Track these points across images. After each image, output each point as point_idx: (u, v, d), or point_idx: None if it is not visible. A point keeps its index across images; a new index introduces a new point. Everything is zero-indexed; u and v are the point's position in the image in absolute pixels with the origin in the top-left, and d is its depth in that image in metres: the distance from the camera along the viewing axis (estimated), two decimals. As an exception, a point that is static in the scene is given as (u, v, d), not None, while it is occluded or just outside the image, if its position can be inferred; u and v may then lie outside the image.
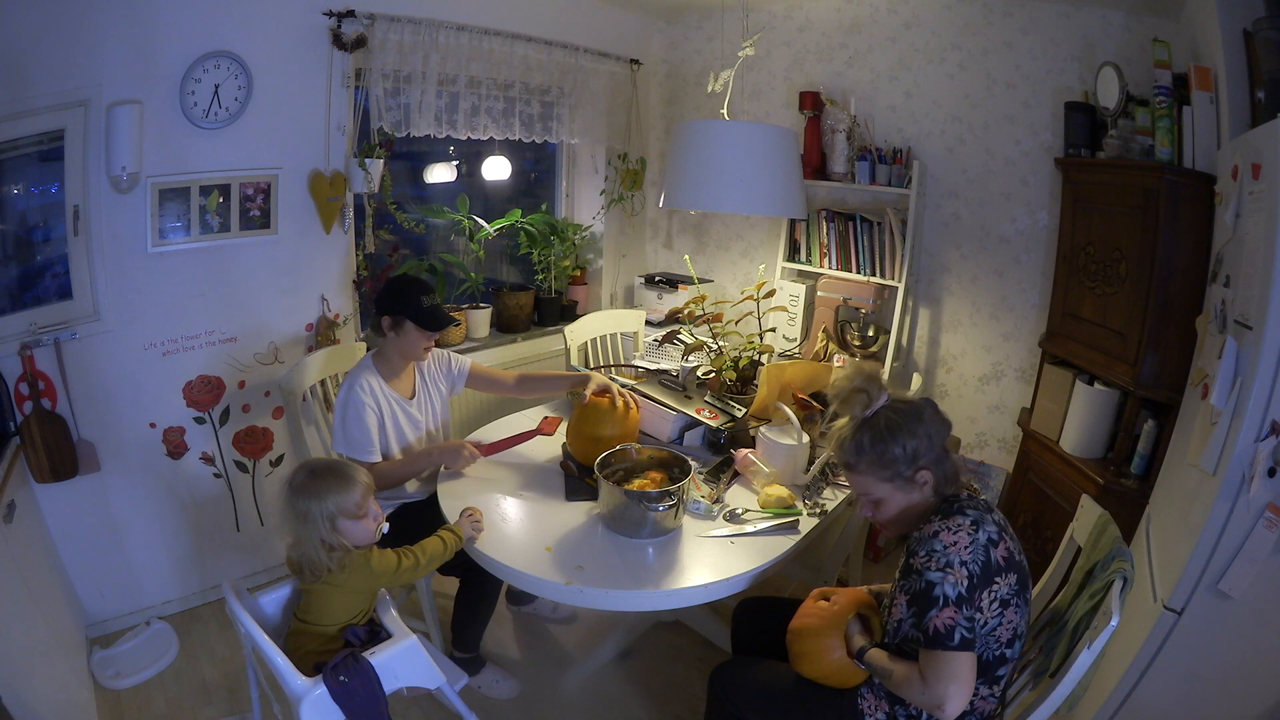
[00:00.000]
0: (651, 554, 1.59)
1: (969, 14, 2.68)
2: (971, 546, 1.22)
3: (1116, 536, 1.37)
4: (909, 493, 1.34)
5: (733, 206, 2.11)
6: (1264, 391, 1.34)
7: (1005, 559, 1.24)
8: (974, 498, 1.33)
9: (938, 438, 1.33)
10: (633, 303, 3.71)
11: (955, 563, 1.21)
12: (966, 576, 1.20)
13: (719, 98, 2.25)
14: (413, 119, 2.60)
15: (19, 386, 1.96)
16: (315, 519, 1.44)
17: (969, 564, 1.21)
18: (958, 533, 1.23)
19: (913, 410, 1.35)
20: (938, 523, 1.27)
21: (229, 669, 2.19)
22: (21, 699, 1.41)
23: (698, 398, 2.24)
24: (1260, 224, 1.40)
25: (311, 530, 1.44)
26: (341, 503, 1.46)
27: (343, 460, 1.65)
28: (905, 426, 1.32)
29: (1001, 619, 1.23)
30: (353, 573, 1.49)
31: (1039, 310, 2.68)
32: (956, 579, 1.20)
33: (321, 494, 1.44)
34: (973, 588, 1.20)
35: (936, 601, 1.20)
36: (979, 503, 1.31)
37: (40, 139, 1.92)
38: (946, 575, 1.20)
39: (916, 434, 1.31)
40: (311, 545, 1.45)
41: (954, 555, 1.21)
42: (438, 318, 1.95)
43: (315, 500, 1.44)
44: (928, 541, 1.25)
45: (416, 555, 1.57)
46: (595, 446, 1.84)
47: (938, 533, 1.25)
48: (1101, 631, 1.17)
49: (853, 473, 1.38)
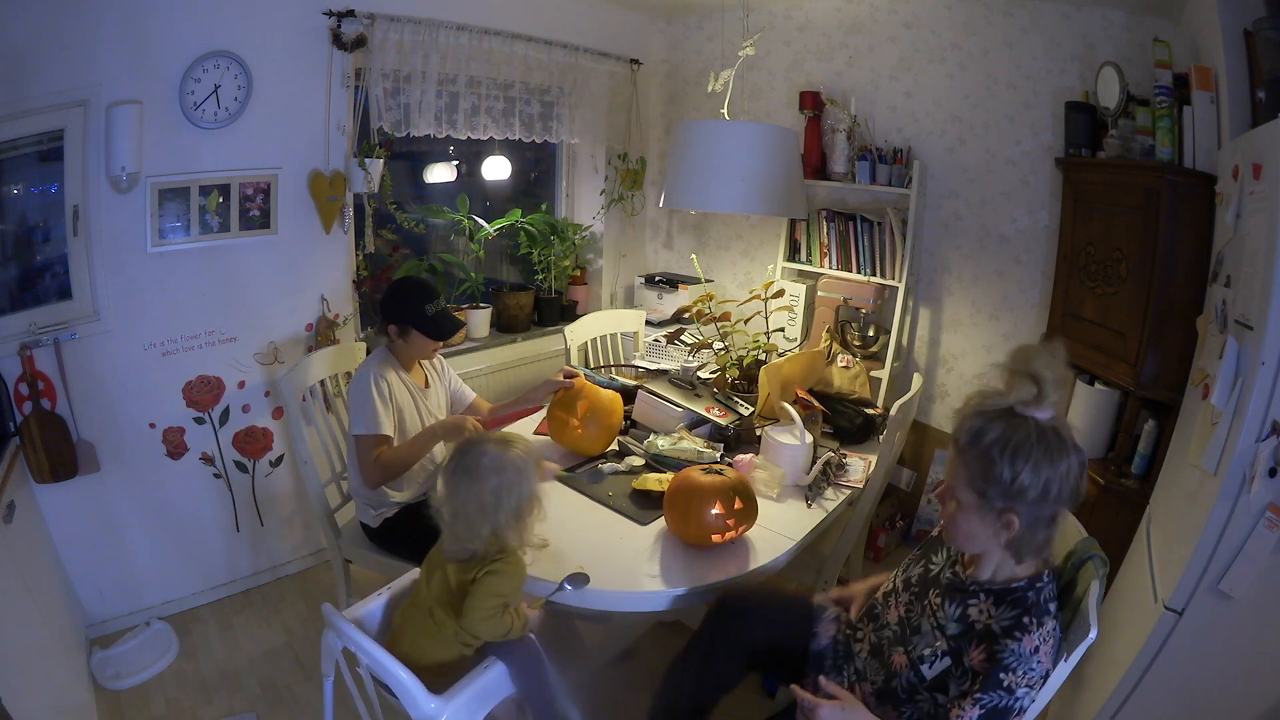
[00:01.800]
0: (651, 554, 1.59)
1: (969, 14, 2.68)
2: (1054, 644, 1.15)
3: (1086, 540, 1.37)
4: (986, 522, 1.15)
5: (733, 206, 2.11)
6: (1265, 391, 1.33)
7: (1055, 633, 1.18)
8: (1054, 570, 1.22)
9: (1056, 495, 1.11)
10: (633, 303, 3.71)
11: (1039, 676, 1.12)
12: (1042, 681, 1.13)
13: (719, 98, 2.25)
14: (413, 119, 2.60)
15: (19, 387, 1.96)
16: (524, 492, 1.38)
17: (1050, 666, 1.14)
18: (1049, 640, 1.14)
19: (1058, 449, 1.11)
20: (1036, 634, 1.12)
21: (229, 669, 2.19)
22: (21, 699, 1.41)
23: (706, 396, 2.24)
24: (1261, 224, 1.40)
25: (517, 505, 1.38)
26: (533, 453, 1.43)
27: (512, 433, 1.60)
28: (1036, 458, 1.09)
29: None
30: (504, 574, 1.39)
31: (1039, 310, 2.68)
32: (1037, 689, 1.13)
33: (529, 465, 1.40)
34: (1043, 681, 1.14)
35: (1014, 712, 1.11)
36: (1054, 573, 1.21)
37: (40, 139, 1.92)
38: (1032, 690, 1.12)
39: (1040, 473, 1.09)
40: (499, 523, 1.38)
41: (1041, 669, 1.12)
42: (444, 325, 1.97)
43: (524, 472, 1.38)
44: (1026, 659, 1.11)
45: (508, 617, 1.44)
46: (575, 430, 1.96)
47: (1038, 649, 1.12)
48: (1079, 643, 1.17)
49: (954, 453, 1.20)
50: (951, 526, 1.22)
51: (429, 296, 1.96)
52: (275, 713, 2.03)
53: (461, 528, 1.39)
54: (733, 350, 2.47)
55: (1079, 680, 1.82)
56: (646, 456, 1.97)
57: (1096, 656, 1.74)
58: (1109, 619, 1.82)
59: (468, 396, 2.22)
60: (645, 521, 1.71)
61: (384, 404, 1.89)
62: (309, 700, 2.06)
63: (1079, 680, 1.82)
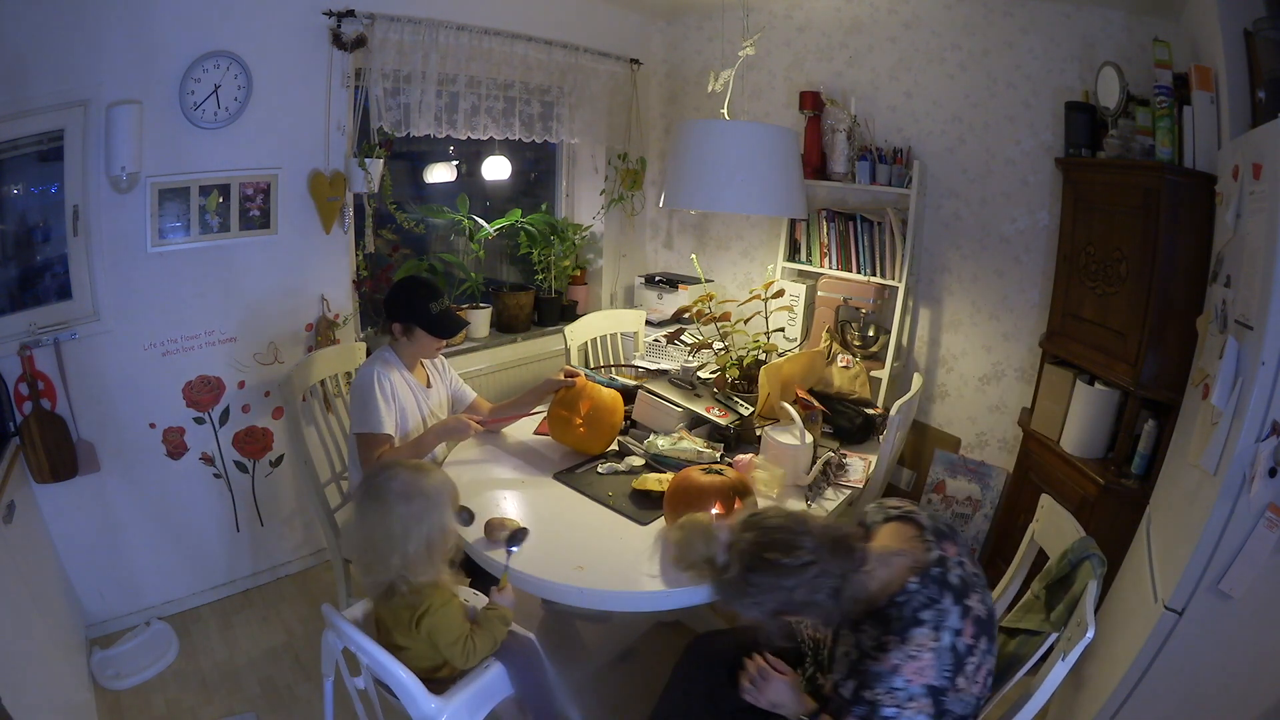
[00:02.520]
0: (651, 554, 1.59)
1: (969, 14, 2.68)
2: (937, 658, 1.11)
3: (1083, 539, 1.38)
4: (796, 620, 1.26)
5: (733, 206, 2.11)
6: (1265, 391, 1.33)
7: (973, 635, 1.14)
8: (926, 576, 1.16)
9: (785, 588, 1.16)
10: (633, 303, 3.71)
11: (919, 694, 1.11)
12: (930, 700, 1.11)
13: (719, 97, 2.25)
14: (413, 119, 2.60)
15: (19, 387, 1.96)
16: (433, 523, 1.31)
17: (935, 681, 1.11)
18: (921, 655, 1.11)
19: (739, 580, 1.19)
20: (894, 651, 1.12)
21: (229, 669, 2.19)
22: (21, 699, 1.41)
23: (706, 396, 2.24)
24: (1261, 224, 1.40)
25: (425, 536, 1.30)
26: (453, 499, 1.37)
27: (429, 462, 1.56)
28: (736, 595, 1.19)
29: (977, 678, 1.16)
30: (438, 614, 1.34)
31: (1039, 310, 2.68)
32: (919, 708, 1.11)
33: (440, 492, 1.34)
34: (939, 700, 1.12)
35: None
36: (930, 579, 1.16)
37: (40, 139, 1.92)
38: (905, 710, 1.11)
39: (751, 599, 1.18)
40: (421, 557, 1.30)
41: (917, 687, 1.11)
42: (449, 324, 1.98)
43: (433, 502, 1.32)
44: (886, 679, 1.12)
45: (478, 641, 1.39)
46: (578, 429, 1.96)
47: (898, 667, 1.11)
48: (1077, 643, 1.17)
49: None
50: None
51: (433, 295, 1.96)
52: (275, 713, 2.03)
53: (370, 557, 1.32)
54: (733, 350, 2.47)
55: (1079, 680, 1.82)
56: (646, 456, 1.97)
57: (1096, 656, 1.74)
58: (1109, 619, 1.82)
59: (468, 396, 2.22)
60: (645, 521, 1.71)
61: (386, 403, 1.89)
62: (309, 700, 2.06)
63: (1079, 680, 1.82)
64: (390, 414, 1.90)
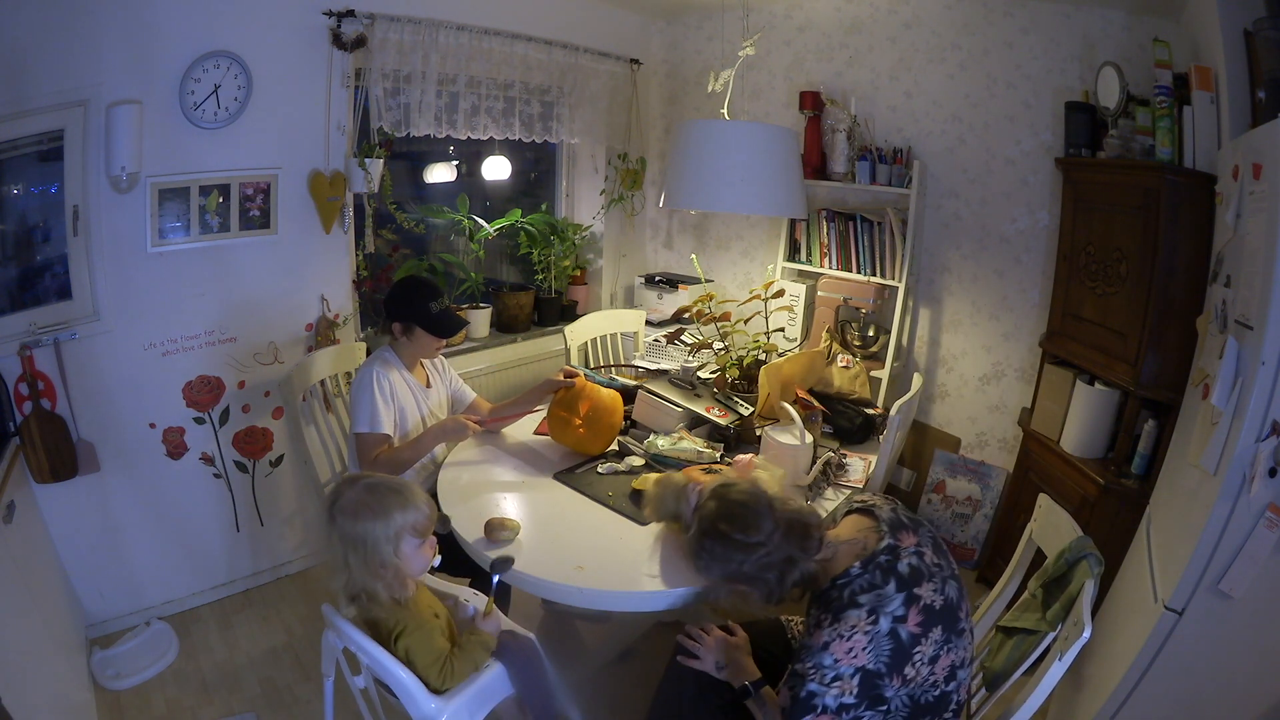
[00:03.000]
0: (651, 554, 1.59)
1: (969, 14, 2.68)
2: (872, 644, 1.12)
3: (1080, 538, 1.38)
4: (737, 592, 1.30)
5: (733, 206, 2.11)
6: (1264, 391, 1.34)
7: (920, 624, 1.14)
8: (870, 562, 1.19)
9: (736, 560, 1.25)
10: (633, 303, 3.71)
11: (847, 674, 1.12)
12: (859, 683, 1.12)
13: (719, 97, 2.25)
14: (413, 119, 2.60)
15: (19, 387, 1.96)
16: (377, 541, 1.26)
17: (870, 665, 1.12)
18: (853, 636, 1.12)
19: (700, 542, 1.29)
20: (828, 629, 1.15)
21: (229, 669, 2.19)
22: (21, 699, 1.40)
23: (706, 396, 2.24)
24: (1261, 224, 1.40)
25: (371, 555, 1.26)
26: (409, 518, 1.29)
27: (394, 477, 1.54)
28: (691, 554, 1.29)
29: (933, 670, 1.16)
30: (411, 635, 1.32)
31: (1039, 310, 2.68)
32: (845, 689, 1.12)
33: (386, 510, 1.28)
34: (874, 685, 1.13)
35: (814, 709, 1.13)
36: (876, 566, 1.18)
37: (40, 139, 1.92)
38: (830, 688, 1.12)
39: (701, 561, 1.28)
40: (368, 575, 1.27)
41: (846, 667, 1.12)
42: (449, 323, 1.98)
43: (379, 519, 1.26)
44: (816, 654, 1.14)
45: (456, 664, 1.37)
46: (577, 429, 1.96)
47: (827, 644, 1.13)
48: (1074, 642, 1.17)
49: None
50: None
51: (433, 295, 1.96)
52: (275, 713, 2.03)
53: (338, 573, 1.30)
54: (733, 350, 2.47)
55: (1079, 680, 1.82)
56: (646, 456, 1.97)
57: (1096, 656, 1.74)
58: (1109, 619, 1.82)
59: (468, 396, 2.22)
60: (645, 521, 1.71)
61: (385, 403, 1.89)
62: (309, 700, 2.06)
63: (1079, 680, 1.82)
64: (389, 414, 1.90)
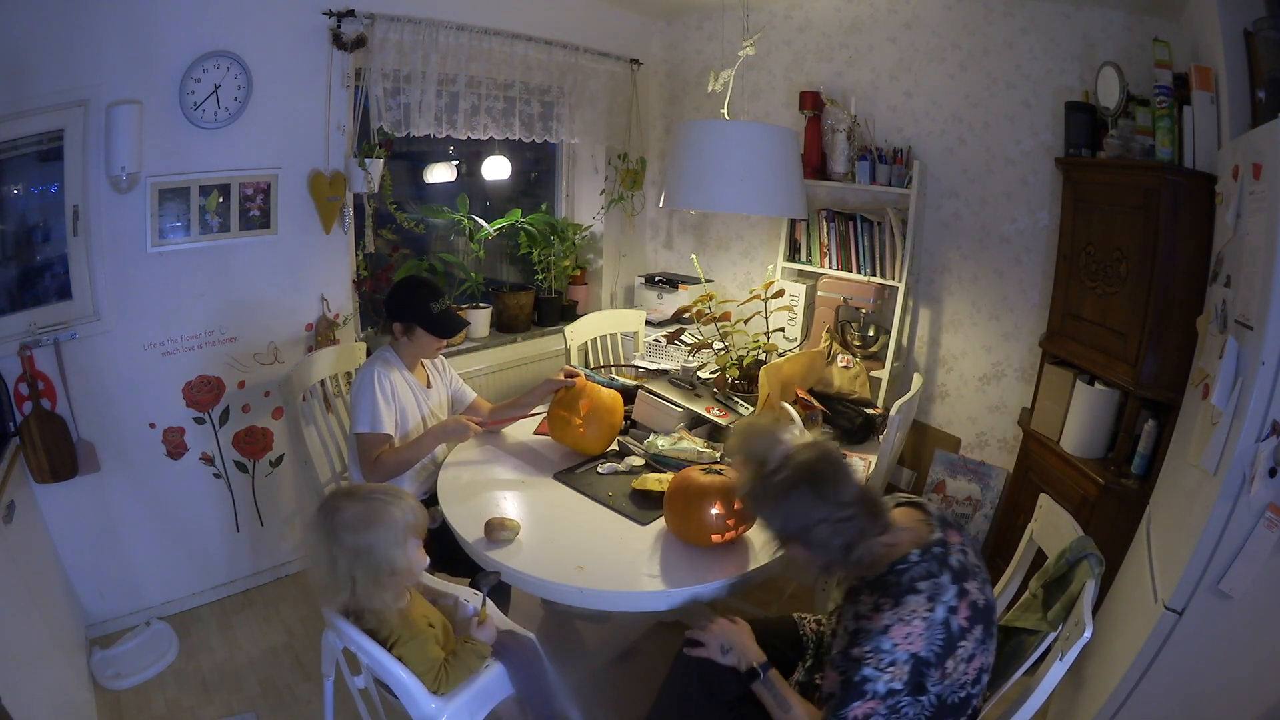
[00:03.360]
0: (651, 554, 1.59)
1: (969, 14, 2.68)
2: (928, 630, 1.13)
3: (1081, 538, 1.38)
4: (789, 557, 1.30)
5: (733, 206, 2.11)
6: (1264, 391, 1.33)
7: (968, 618, 1.16)
8: (928, 551, 1.21)
9: (812, 519, 1.23)
10: (633, 303, 3.71)
11: (901, 659, 1.13)
12: (910, 670, 1.13)
13: (719, 97, 2.25)
14: (413, 119, 2.60)
15: (19, 387, 1.96)
16: (386, 545, 1.26)
17: (923, 652, 1.13)
18: (911, 621, 1.13)
19: (785, 490, 1.26)
20: (888, 612, 1.15)
21: (229, 669, 2.19)
22: (21, 699, 1.41)
23: (706, 396, 2.24)
24: (1261, 224, 1.40)
25: (380, 564, 1.25)
26: (408, 518, 1.30)
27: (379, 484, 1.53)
28: (768, 498, 1.27)
29: (968, 669, 1.18)
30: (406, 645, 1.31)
31: (1039, 310, 2.68)
32: (896, 674, 1.13)
33: (388, 514, 1.28)
34: (921, 673, 1.14)
35: (864, 695, 1.14)
36: (933, 556, 1.20)
37: (40, 139, 1.92)
38: (884, 674, 1.13)
39: (779, 509, 1.26)
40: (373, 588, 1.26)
41: (902, 653, 1.13)
42: (449, 324, 1.98)
43: (383, 525, 1.26)
44: (876, 637, 1.14)
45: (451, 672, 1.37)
46: (578, 429, 1.96)
47: (888, 627, 1.14)
48: (1075, 642, 1.17)
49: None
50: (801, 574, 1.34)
51: (434, 295, 1.96)
52: (275, 713, 2.03)
53: (325, 584, 1.28)
54: (733, 350, 2.47)
55: (1079, 680, 1.82)
56: (646, 456, 1.97)
57: (1096, 656, 1.74)
58: (1109, 619, 1.82)
59: (468, 397, 2.22)
60: (645, 521, 1.71)
61: (386, 403, 1.90)
62: (309, 700, 2.06)
63: (1079, 680, 1.82)
64: (390, 414, 1.90)
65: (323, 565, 1.27)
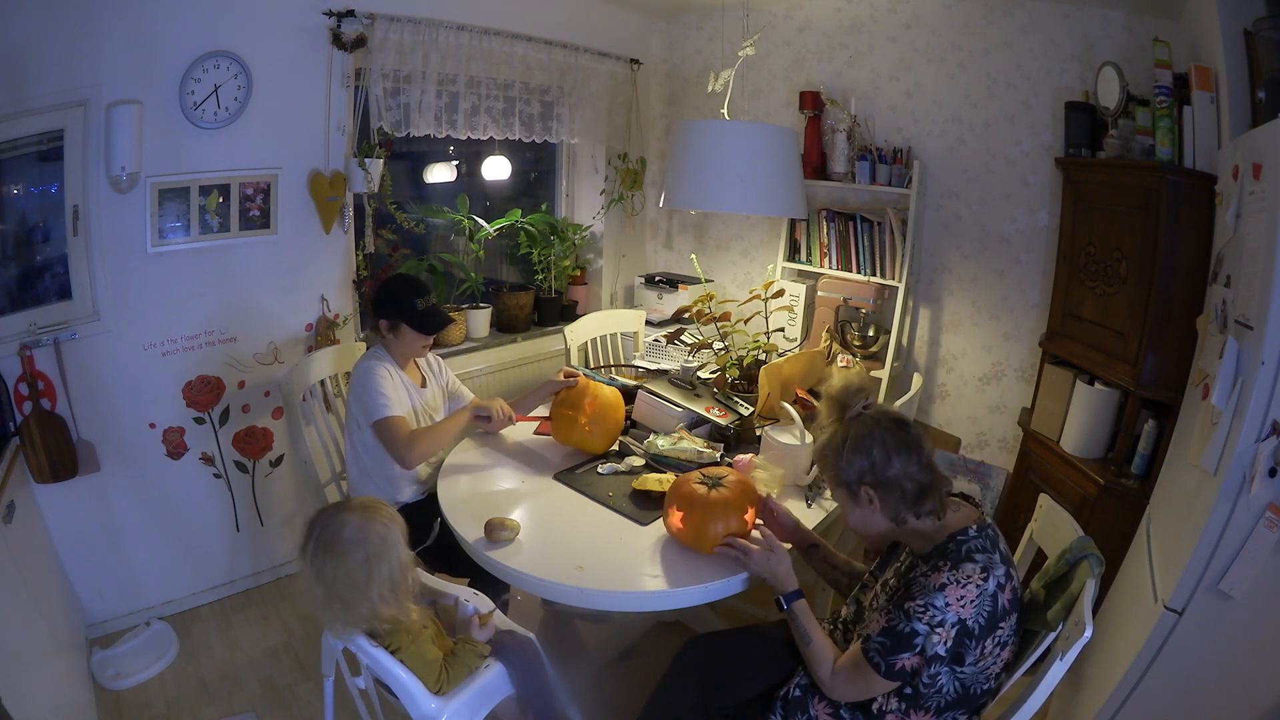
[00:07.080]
0: (652, 554, 1.59)
1: (969, 14, 2.68)
2: (979, 599, 1.18)
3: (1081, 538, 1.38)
4: (859, 505, 1.33)
5: (733, 206, 2.11)
6: (1265, 391, 1.33)
7: (1010, 601, 1.21)
8: (984, 530, 1.27)
9: (882, 459, 1.29)
10: (633, 303, 3.71)
11: (949, 622, 1.17)
12: (955, 636, 1.17)
13: (719, 97, 2.25)
14: (413, 119, 2.60)
15: (19, 387, 1.96)
16: (398, 544, 1.28)
17: (970, 620, 1.17)
18: (966, 585, 1.18)
19: (866, 436, 1.31)
20: (947, 573, 1.20)
21: (229, 669, 2.19)
22: (21, 699, 1.41)
23: (706, 396, 2.24)
24: (1261, 224, 1.40)
25: (396, 567, 1.26)
26: (398, 521, 1.31)
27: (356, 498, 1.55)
28: (849, 447, 1.31)
29: (998, 658, 1.23)
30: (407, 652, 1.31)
31: (1039, 310, 2.68)
32: (944, 638, 1.17)
33: (390, 516, 1.30)
34: (963, 643, 1.18)
35: (913, 649, 1.18)
36: (988, 535, 1.26)
37: (40, 139, 1.92)
38: (935, 632, 1.17)
39: (858, 453, 1.30)
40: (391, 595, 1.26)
41: (952, 614, 1.17)
42: (433, 320, 1.98)
43: (385, 528, 1.27)
44: (931, 594, 1.19)
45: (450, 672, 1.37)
46: (583, 428, 1.97)
47: (944, 586, 1.18)
48: (1075, 642, 1.17)
49: (826, 476, 1.40)
50: (854, 528, 1.39)
51: (419, 292, 1.97)
52: (275, 713, 2.03)
53: (339, 609, 1.25)
54: (733, 350, 2.47)
55: (1079, 680, 1.82)
56: (646, 456, 1.97)
57: (1096, 656, 1.74)
58: (1109, 619, 1.82)
59: (466, 397, 2.21)
60: (645, 521, 1.70)
61: (393, 389, 1.91)
62: (309, 700, 2.06)
63: (1079, 680, 1.82)
64: (398, 397, 1.91)
65: (337, 590, 1.24)
